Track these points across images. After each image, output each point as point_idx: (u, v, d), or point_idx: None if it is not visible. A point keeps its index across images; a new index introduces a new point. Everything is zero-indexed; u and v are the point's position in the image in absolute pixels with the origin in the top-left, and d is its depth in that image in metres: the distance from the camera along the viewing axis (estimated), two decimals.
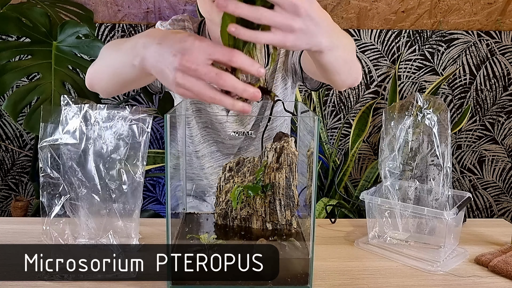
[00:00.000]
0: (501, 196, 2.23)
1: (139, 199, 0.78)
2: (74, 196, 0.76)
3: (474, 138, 2.16)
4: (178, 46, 0.52)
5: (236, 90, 0.51)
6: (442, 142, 0.83)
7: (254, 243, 0.74)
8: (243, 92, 0.52)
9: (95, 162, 0.75)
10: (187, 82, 0.51)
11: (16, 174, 2.06)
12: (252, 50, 0.58)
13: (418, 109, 0.84)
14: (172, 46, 0.52)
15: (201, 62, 0.50)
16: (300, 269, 0.70)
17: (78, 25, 1.51)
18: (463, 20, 1.97)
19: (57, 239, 0.77)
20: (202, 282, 0.69)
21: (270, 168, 0.79)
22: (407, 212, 0.84)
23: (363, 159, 2.17)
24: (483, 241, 0.93)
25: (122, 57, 0.64)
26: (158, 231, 0.92)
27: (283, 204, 0.78)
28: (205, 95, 0.52)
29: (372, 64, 2.04)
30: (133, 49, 0.59)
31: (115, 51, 0.68)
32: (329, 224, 1.01)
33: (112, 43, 0.73)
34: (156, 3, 1.86)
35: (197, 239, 0.77)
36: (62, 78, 1.44)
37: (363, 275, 0.77)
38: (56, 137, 0.76)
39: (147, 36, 0.58)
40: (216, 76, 0.50)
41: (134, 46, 0.59)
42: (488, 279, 0.77)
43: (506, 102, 2.12)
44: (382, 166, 0.88)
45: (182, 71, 0.51)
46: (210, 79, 0.51)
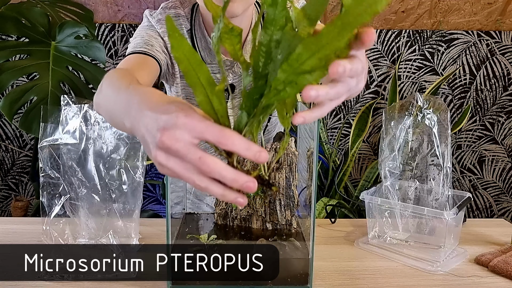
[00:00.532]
0: (501, 196, 2.23)
1: (139, 199, 0.78)
2: (74, 196, 0.76)
3: (474, 138, 2.16)
4: (162, 120, 0.43)
5: (224, 179, 0.42)
6: (442, 142, 0.83)
7: (254, 243, 0.74)
8: (232, 182, 0.42)
9: (95, 162, 0.75)
10: (169, 163, 0.43)
11: (16, 174, 2.06)
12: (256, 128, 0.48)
13: (418, 109, 0.84)
14: (157, 120, 0.44)
15: (184, 141, 0.42)
16: (300, 269, 0.70)
17: (77, 25, 1.51)
18: (463, 20, 1.97)
19: (57, 239, 0.77)
20: (202, 282, 0.68)
21: (270, 168, 0.79)
22: (407, 212, 0.84)
23: (363, 159, 2.17)
24: (483, 241, 0.93)
25: (117, 109, 0.56)
26: (158, 231, 0.92)
27: (283, 204, 0.78)
28: (189, 180, 0.43)
29: (372, 64, 2.04)
30: (126, 106, 0.52)
31: (114, 94, 0.60)
32: (329, 224, 1.01)
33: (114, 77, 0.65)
34: (156, 2, 1.86)
35: (197, 239, 0.77)
36: (60, 78, 1.44)
37: (363, 275, 0.77)
38: (56, 137, 0.76)
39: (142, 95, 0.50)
40: (199, 160, 0.42)
41: (128, 103, 0.52)
42: (488, 279, 0.77)
43: (506, 102, 2.12)
44: (382, 166, 0.88)
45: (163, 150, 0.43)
46: (192, 163, 0.42)
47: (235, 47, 0.49)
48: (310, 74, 0.40)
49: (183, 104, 0.45)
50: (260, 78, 0.44)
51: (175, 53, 0.41)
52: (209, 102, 0.44)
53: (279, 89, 0.41)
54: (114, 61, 1.97)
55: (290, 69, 0.40)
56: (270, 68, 0.43)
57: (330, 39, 0.37)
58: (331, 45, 0.38)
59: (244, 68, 0.49)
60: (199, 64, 0.42)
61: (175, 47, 0.41)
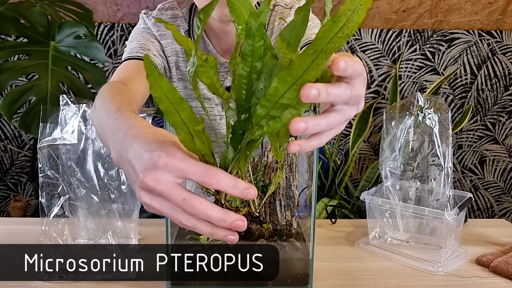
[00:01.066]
0: (502, 196, 2.23)
1: (138, 199, 0.78)
2: (73, 197, 0.76)
3: (475, 138, 2.15)
4: (144, 159, 0.42)
5: (211, 220, 0.41)
6: (443, 142, 0.82)
7: (254, 243, 0.74)
8: (220, 222, 0.41)
9: (94, 162, 0.75)
10: (153, 203, 0.42)
11: (15, 174, 2.06)
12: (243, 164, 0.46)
13: (419, 109, 0.84)
14: (140, 159, 0.42)
15: (167, 182, 0.40)
16: (300, 269, 0.70)
17: (76, 25, 1.51)
18: (464, 20, 1.97)
19: (56, 239, 0.77)
20: (202, 282, 0.68)
21: (270, 168, 0.78)
22: (408, 212, 0.84)
23: (363, 159, 2.16)
24: (484, 241, 0.93)
25: (106, 133, 0.55)
26: (157, 232, 0.92)
27: (283, 204, 0.78)
28: (175, 220, 0.42)
29: (373, 64, 2.04)
30: (112, 136, 0.50)
31: (104, 116, 0.57)
32: (329, 224, 1.00)
33: (105, 96, 0.63)
34: (156, 2, 1.86)
35: (196, 239, 0.76)
36: (59, 78, 1.44)
37: (364, 275, 0.77)
38: (55, 137, 0.75)
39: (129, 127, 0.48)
40: (184, 202, 0.40)
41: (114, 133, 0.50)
42: (489, 279, 0.76)
43: (507, 102, 2.11)
44: (383, 166, 0.87)
45: (147, 191, 0.42)
46: (177, 204, 0.41)
47: (213, 79, 0.47)
48: (291, 107, 0.38)
49: (166, 142, 0.44)
50: (244, 112, 0.43)
51: (154, 93, 0.39)
52: (192, 140, 0.43)
53: (261, 124, 0.40)
54: (113, 61, 1.97)
55: (270, 104, 0.38)
56: (253, 101, 0.41)
57: (304, 69, 0.35)
58: (308, 75, 0.36)
59: (225, 99, 0.48)
60: (180, 103, 0.41)
61: (154, 87, 0.39)
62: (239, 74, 0.42)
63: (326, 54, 0.34)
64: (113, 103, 0.59)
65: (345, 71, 0.36)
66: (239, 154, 0.44)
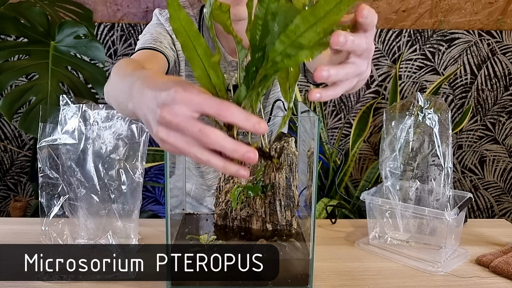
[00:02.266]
0: (502, 196, 2.23)
1: (138, 200, 0.78)
2: (73, 197, 0.76)
3: (475, 138, 2.15)
4: (162, 96, 0.44)
5: (224, 150, 0.43)
6: (443, 142, 0.82)
7: (254, 243, 0.74)
8: (233, 153, 0.43)
9: (94, 162, 0.75)
10: (170, 138, 0.44)
11: (15, 174, 2.06)
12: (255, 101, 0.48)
13: (419, 109, 0.84)
14: (157, 96, 0.45)
15: (184, 115, 0.43)
16: (300, 269, 0.70)
17: (76, 25, 1.50)
18: (464, 20, 1.97)
19: (56, 239, 0.76)
20: (202, 282, 0.68)
21: (270, 168, 0.78)
22: (408, 212, 0.84)
23: (363, 159, 2.16)
24: (484, 241, 0.93)
25: (122, 93, 0.58)
26: (157, 232, 0.92)
27: (283, 204, 0.78)
28: (190, 154, 0.44)
29: (373, 64, 2.04)
30: (129, 89, 0.53)
31: (120, 80, 0.61)
32: (329, 224, 1.00)
33: (121, 66, 0.67)
34: (156, 2, 1.86)
35: (196, 239, 0.76)
36: (59, 78, 1.44)
37: (364, 276, 0.77)
38: (55, 137, 0.75)
39: (144, 78, 0.52)
40: (200, 132, 0.42)
41: (131, 86, 0.53)
42: (489, 279, 0.76)
43: (507, 102, 2.11)
44: (383, 166, 0.87)
45: (164, 125, 0.44)
46: (193, 136, 0.43)
47: (226, 22, 0.53)
48: (307, 48, 0.40)
49: (182, 80, 0.47)
50: (258, 51, 0.44)
51: (173, 24, 0.41)
52: (207, 76, 0.45)
53: (276, 60, 0.42)
54: (113, 61, 1.96)
55: (288, 41, 0.40)
56: (268, 41, 0.43)
57: (327, 11, 0.37)
58: (329, 18, 0.38)
59: (237, 42, 0.51)
60: (196, 36, 0.43)
61: (173, 17, 0.41)
62: (256, 15, 0.44)
63: (349, 1, 0.37)
64: (128, 68, 0.63)
65: (367, 18, 0.42)
66: (252, 91, 0.46)
